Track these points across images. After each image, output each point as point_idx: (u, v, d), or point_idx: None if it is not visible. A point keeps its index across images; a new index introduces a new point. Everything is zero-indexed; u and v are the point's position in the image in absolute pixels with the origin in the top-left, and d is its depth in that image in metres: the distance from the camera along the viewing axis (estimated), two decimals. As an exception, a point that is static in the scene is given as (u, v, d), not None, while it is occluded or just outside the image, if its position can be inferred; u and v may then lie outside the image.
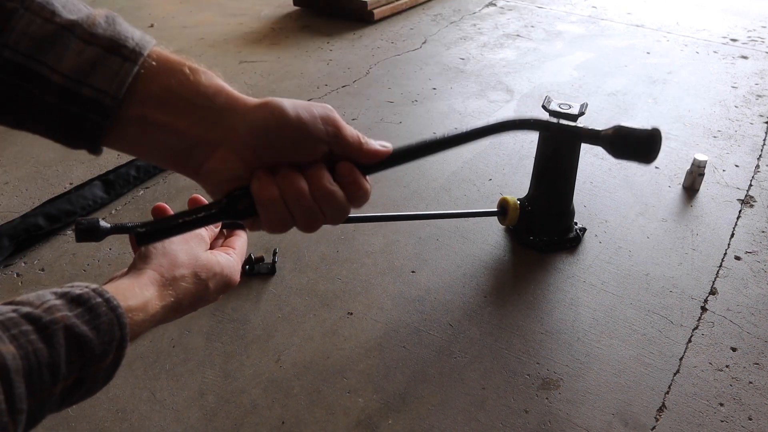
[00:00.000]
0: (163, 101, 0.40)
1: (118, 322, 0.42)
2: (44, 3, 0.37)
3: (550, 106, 1.22)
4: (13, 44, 0.36)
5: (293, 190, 0.42)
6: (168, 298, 0.50)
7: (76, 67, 0.37)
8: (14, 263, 1.32)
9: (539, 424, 0.99)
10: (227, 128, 0.41)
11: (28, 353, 0.36)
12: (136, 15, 2.91)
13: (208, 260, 0.54)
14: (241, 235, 0.64)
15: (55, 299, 0.40)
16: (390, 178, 1.61)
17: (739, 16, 2.85)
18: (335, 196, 0.43)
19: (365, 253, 1.35)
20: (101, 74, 0.38)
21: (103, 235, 0.60)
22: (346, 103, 2.00)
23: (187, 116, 0.41)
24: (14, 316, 0.37)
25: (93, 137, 0.40)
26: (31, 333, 0.37)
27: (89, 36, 0.38)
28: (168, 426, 0.98)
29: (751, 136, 1.82)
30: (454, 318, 1.18)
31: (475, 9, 2.93)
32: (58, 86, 0.37)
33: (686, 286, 1.26)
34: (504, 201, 1.34)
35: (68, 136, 0.40)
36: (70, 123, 0.39)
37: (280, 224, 0.43)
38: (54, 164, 1.66)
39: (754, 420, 0.99)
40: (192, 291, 0.52)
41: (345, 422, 0.99)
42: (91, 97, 0.38)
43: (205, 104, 0.41)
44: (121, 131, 0.40)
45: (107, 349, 0.41)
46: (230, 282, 0.57)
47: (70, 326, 0.39)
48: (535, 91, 2.10)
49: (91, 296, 0.42)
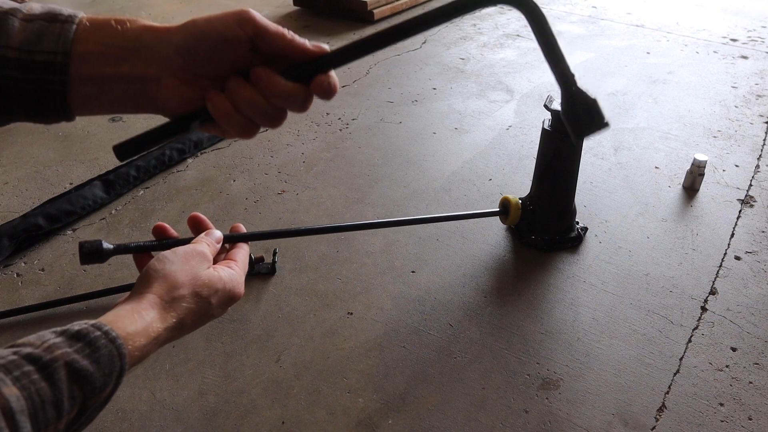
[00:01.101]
0: (103, 55, 0.44)
1: (118, 352, 0.44)
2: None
3: (552, 105, 1.23)
4: None
5: (239, 97, 0.44)
6: (170, 320, 0.51)
7: (25, 40, 0.42)
8: (14, 263, 1.32)
9: (539, 424, 0.99)
10: (160, 58, 0.44)
11: (32, 393, 0.37)
12: (136, 15, 2.91)
13: (209, 278, 0.56)
14: (243, 247, 0.66)
15: (55, 338, 0.42)
16: (390, 178, 1.62)
17: (739, 16, 2.85)
18: (284, 92, 0.45)
19: (365, 253, 1.35)
20: (47, 40, 0.42)
21: (106, 257, 0.61)
22: (346, 103, 2.00)
23: (125, 61, 0.44)
24: (15, 359, 0.39)
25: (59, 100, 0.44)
26: (33, 373, 0.38)
27: (29, 16, 0.43)
28: (168, 426, 0.98)
29: (751, 136, 1.82)
30: (454, 318, 1.18)
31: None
32: (14, 60, 0.41)
33: (686, 286, 1.26)
34: (506, 200, 1.34)
35: (39, 107, 0.44)
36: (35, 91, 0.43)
37: (242, 130, 0.46)
38: (54, 164, 1.66)
39: (754, 420, 0.99)
40: (194, 309, 0.54)
41: (345, 422, 0.99)
42: (44, 61, 0.42)
43: (136, 45, 0.44)
44: (80, 92, 0.44)
45: (107, 381, 0.43)
46: (234, 296, 0.58)
47: (70, 362, 0.40)
48: (535, 91, 2.10)
49: (90, 331, 0.43)
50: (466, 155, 1.72)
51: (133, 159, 1.64)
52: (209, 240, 0.62)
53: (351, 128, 1.86)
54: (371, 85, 2.14)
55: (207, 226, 0.65)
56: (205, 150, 1.73)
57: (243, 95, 0.44)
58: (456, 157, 1.71)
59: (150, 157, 1.62)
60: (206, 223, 0.66)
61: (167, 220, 1.46)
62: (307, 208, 1.50)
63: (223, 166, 1.66)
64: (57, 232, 1.41)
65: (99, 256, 0.61)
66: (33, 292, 1.23)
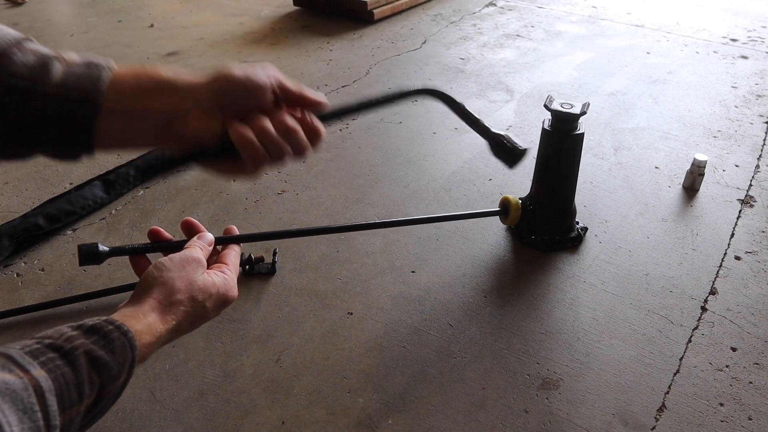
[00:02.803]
0: (136, 93, 0.50)
1: (130, 344, 0.48)
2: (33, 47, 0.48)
3: (552, 106, 1.23)
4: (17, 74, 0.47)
5: (261, 128, 0.53)
6: (170, 322, 0.56)
7: (64, 80, 0.48)
8: (14, 263, 1.32)
9: (539, 424, 0.99)
10: (193, 99, 0.52)
11: (57, 376, 0.41)
12: (136, 15, 2.91)
13: (204, 283, 0.60)
14: (234, 248, 0.70)
15: (71, 331, 0.46)
16: (390, 178, 1.62)
17: (739, 16, 2.85)
18: (296, 130, 0.55)
19: (365, 253, 1.35)
20: (85, 81, 0.48)
21: (102, 258, 0.66)
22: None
23: (157, 98, 0.51)
24: (39, 347, 0.43)
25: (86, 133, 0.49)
26: (57, 359, 0.42)
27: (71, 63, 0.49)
28: (168, 426, 0.98)
29: (751, 136, 1.82)
30: (454, 318, 1.18)
31: (475, 9, 2.93)
32: (53, 96, 0.47)
33: (686, 286, 1.26)
34: (506, 200, 1.34)
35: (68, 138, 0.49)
36: (67, 123, 0.48)
37: (256, 159, 0.54)
38: (54, 164, 1.66)
39: (754, 420, 0.99)
40: (190, 312, 0.58)
41: (345, 422, 0.99)
42: (79, 97, 0.48)
43: (169, 86, 0.51)
44: (107, 126, 0.49)
45: (121, 370, 0.47)
46: (227, 299, 0.63)
47: (88, 351, 0.44)
48: (535, 91, 2.10)
49: (103, 325, 0.48)
50: (466, 155, 1.72)
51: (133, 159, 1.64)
52: (202, 244, 0.66)
53: (351, 128, 1.86)
54: (371, 85, 2.14)
55: (199, 230, 0.70)
56: (205, 150, 1.73)
57: (263, 125, 0.53)
58: (456, 157, 1.71)
59: (150, 157, 1.62)
60: (198, 227, 0.70)
61: (167, 220, 1.46)
62: (307, 208, 1.50)
63: (223, 166, 1.66)
64: (57, 232, 1.41)
65: (95, 257, 0.66)
66: (33, 292, 1.23)
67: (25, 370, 0.39)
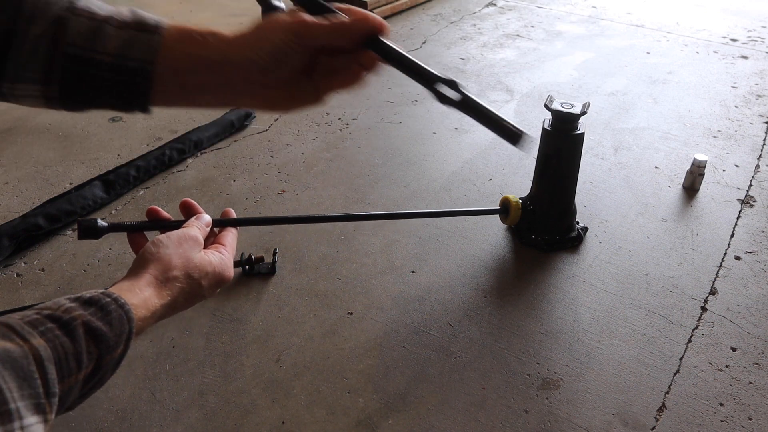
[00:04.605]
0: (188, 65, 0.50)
1: (127, 316, 0.49)
2: (84, 6, 0.48)
3: (552, 106, 1.23)
4: (72, 41, 0.47)
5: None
6: (165, 297, 0.56)
7: (118, 47, 0.48)
8: (14, 263, 1.32)
9: (539, 424, 0.99)
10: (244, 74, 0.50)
11: (56, 345, 0.42)
12: (136, 15, 2.91)
13: (200, 261, 0.60)
14: (231, 231, 0.71)
15: (70, 303, 0.46)
16: (390, 178, 1.62)
17: (739, 16, 2.85)
18: None
19: (365, 253, 1.35)
20: (137, 48, 0.48)
21: (101, 233, 0.66)
22: (345, 103, 2.00)
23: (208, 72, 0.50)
24: (38, 317, 0.43)
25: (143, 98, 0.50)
26: (56, 329, 0.43)
27: (121, 23, 0.49)
28: (168, 426, 0.98)
29: (751, 136, 1.82)
30: (454, 318, 1.18)
31: (475, 9, 2.93)
32: (109, 65, 0.48)
33: (686, 286, 1.26)
34: (506, 200, 1.34)
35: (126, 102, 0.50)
36: (125, 90, 0.49)
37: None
38: (54, 164, 1.66)
39: (754, 420, 0.99)
40: (186, 289, 0.58)
41: (345, 422, 0.99)
42: (135, 67, 0.48)
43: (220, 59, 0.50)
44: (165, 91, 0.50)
45: (119, 341, 0.47)
46: (223, 278, 0.63)
47: (86, 322, 0.45)
48: (535, 90, 2.10)
49: (101, 297, 0.48)
50: (466, 155, 1.72)
51: (133, 159, 1.64)
52: (199, 224, 0.66)
53: (351, 128, 1.86)
54: (371, 85, 2.14)
55: (197, 211, 0.70)
56: (205, 150, 1.73)
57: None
58: (456, 157, 1.71)
59: (150, 157, 1.62)
60: (196, 208, 0.70)
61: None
62: (307, 208, 1.50)
63: (223, 166, 1.66)
64: (57, 232, 1.41)
65: (94, 232, 0.67)
66: (33, 292, 1.23)
67: (24, 339, 0.40)
